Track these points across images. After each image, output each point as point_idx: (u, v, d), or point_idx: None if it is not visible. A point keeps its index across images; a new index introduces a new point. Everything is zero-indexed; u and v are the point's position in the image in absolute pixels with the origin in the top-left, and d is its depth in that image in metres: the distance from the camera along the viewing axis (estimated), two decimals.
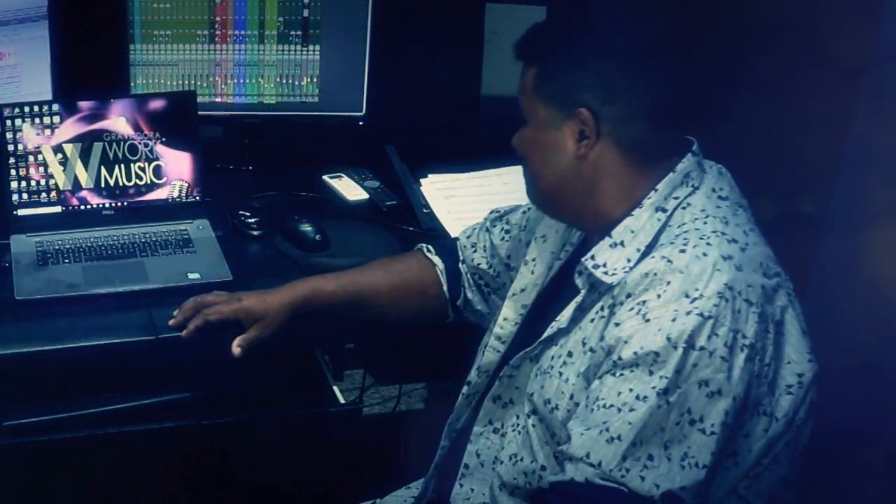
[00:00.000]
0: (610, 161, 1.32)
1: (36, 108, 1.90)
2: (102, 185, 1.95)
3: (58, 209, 1.93)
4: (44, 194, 1.92)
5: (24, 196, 1.91)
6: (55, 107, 1.91)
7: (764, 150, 1.94)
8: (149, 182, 1.97)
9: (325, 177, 2.23)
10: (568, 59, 1.32)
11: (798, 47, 1.84)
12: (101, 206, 1.95)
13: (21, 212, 1.91)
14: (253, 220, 1.97)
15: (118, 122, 1.94)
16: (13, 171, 1.90)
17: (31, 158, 1.90)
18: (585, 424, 1.22)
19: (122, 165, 1.95)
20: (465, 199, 2.09)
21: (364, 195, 2.17)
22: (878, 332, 1.73)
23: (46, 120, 1.90)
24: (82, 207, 1.94)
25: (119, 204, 1.96)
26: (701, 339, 1.18)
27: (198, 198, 2.00)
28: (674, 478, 1.18)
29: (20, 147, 1.90)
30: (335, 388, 1.77)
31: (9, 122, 1.88)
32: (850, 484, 1.83)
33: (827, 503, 1.87)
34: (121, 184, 1.96)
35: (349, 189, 2.19)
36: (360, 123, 2.32)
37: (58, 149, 1.91)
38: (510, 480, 1.38)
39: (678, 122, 1.35)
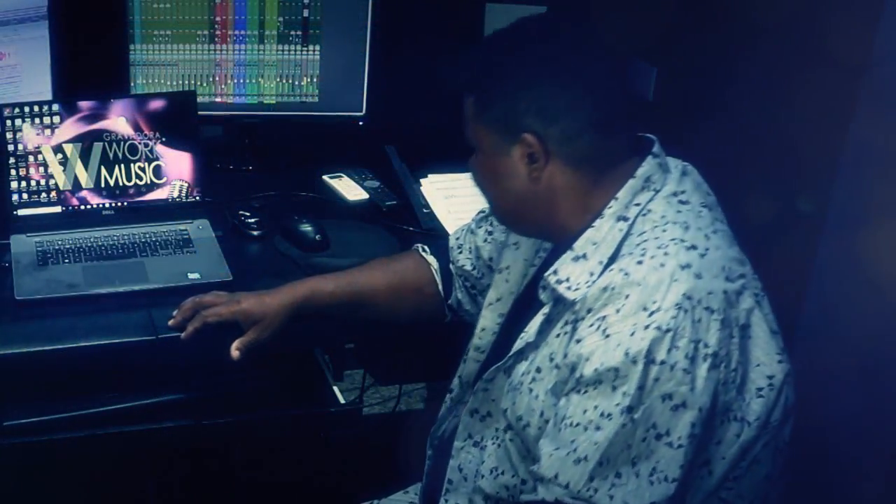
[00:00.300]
0: (564, 178, 1.29)
1: (36, 108, 1.90)
2: (102, 185, 1.95)
3: (58, 209, 1.93)
4: (44, 194, 1.92)
5: (24, 196, 1.91)
6: (55, 107, 1.91)
7: (764, 150, 1.94)
8: (149, 182, 1.97)
9: (325, 177, 2.23)
10: (504, 86, 1.28)
11: (798, 47, 1.84)
12: (101, 206, 1.95)
13: (21, 212, 1.91)
14: (253, 220, 1.97)
15: (118, 122, 1.94)
16: (13, 171, 1.90)
17: (31, 158, 1.90)
18: (554, 444, 1.22)
19: (122, 165, 1.95)
20: (465, 199, 2.09)
21: (364, 195, 2.17)
22: (879, 331, 1.73)
23: (46, 120, 1.90)
24: (82, 207, 1.94)
25: (119, 204, 1.96)
26: (661, 353, 1.16)
27: (198, 198, 2.00)
28: (643, 494, 1.17)
29: (20, 147, 1.90)
30: (335, 388, 1.77)
31: (9, 122, 1.88)
32: (850, 483, 1.83)
33: (827, 503, 1.87)
34: (121, 184, 1.96)
35: (349, 189, 2.19)
36: (360, 123, 2.32)
37: (58, 149, 1.91)
38: (492, 493, 1.37)
39: (626, 126, 1.32)
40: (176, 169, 1.98)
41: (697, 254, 1.23)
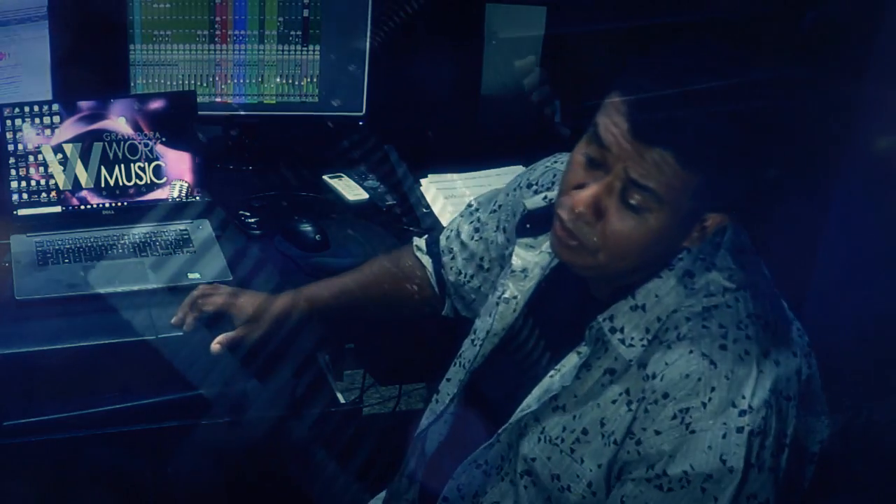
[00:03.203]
0: None
1: (36, 108, 1.90)
2: (102, 184, 1.95)
3: (58, 209, 1.93)
4: (44, 194, 1.92)
5: (24, 196, 1.91)
6: (55, 107, 1.91)
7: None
8: (149, 182, 1.97)
9: (325, 177, 2.23)
10: (738, 169, 1.14)
11: (799, 46, 1.84)
12: (101, 205, 1.95)
13: (21, 212, 1.91)
14: (253, 220, 1.97)
15: (118, 122, 1.94)
16: (13, 171, 1.90)
17: (31, 158, 1.90)
18: None
19: (122, 165, 1.95)
20: (464, 199, 2.09)
21: (364, 195, 2.17)
22: (878, 332, 1.73)
23: (46, 120, 1.90)
24: (82, 207, 1.94)
25: (119, 204, 1.96)
26: (752, 457, 1.13)
27: (198, 198, 2.00)
28: None
29: (20, 147, 1.90)
30: (335, 389, 1.77)
31: (9, 122, 1.88)
32: (850, 484, 1.83)
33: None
34: (121, 184, 1.96)
35: (349, 189, 2.19)
36: (360, 123, 2.32)
37: (58, 149, 1.91)
38: None
39: None
40: (176, 169, 1.98)
41: (772, 333, 1.19)
